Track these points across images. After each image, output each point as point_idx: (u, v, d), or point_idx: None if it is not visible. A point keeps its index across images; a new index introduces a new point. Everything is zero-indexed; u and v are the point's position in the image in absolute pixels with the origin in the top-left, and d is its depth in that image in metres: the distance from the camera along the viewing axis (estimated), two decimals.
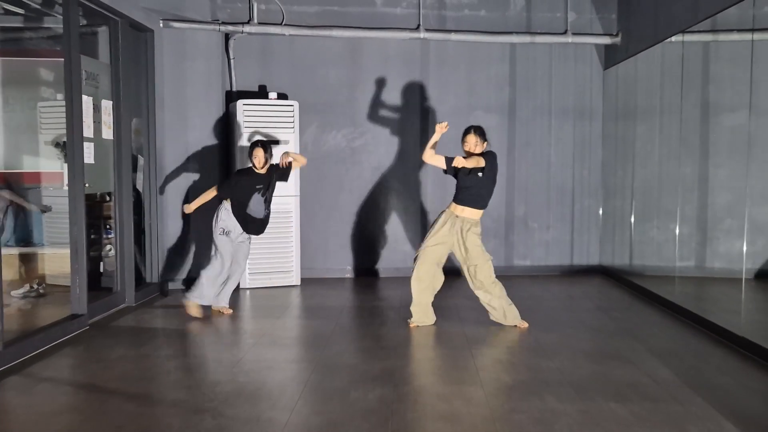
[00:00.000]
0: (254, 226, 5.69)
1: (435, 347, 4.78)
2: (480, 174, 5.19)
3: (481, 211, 5.30)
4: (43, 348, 4.58)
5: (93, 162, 5.49)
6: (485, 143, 5.29)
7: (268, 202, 5.71)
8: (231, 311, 5.78)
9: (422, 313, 5.33)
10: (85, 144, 5.25)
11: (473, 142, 5.25)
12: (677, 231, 6.20)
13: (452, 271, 7.64)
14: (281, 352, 4.66)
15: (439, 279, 5.39)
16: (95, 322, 5.38)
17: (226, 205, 5.63)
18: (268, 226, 5.89)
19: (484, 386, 3.92)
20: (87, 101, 5.35)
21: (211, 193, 5.69)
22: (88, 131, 5.36)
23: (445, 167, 5.26)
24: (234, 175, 5.82)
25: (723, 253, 6.35)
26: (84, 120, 5.21)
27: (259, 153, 5.62)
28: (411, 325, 5.29)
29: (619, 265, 7.50)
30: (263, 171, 5.66)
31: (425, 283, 5.30)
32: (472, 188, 5.22)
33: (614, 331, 5.23)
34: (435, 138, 5.31)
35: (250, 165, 5.70)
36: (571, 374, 4.12)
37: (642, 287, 6.73)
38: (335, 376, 4.07)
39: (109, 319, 5.55)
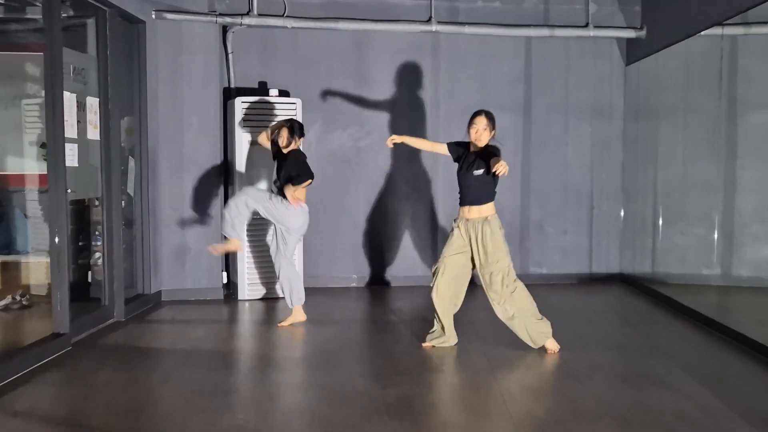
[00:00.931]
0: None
1: (454, 371, 4.33)
2: (478, 172, 4.70)
3: (487, 205, 4.77)
4: (20, 373, 4.12)
5: (77, 165, 5.03)
6: (493, 132, 4.78)
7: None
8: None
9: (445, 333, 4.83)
10: (68, 145, 4.79)
11: (482, 126, 4.73)
12: (707, 237, 5.79)
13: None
14: (283, 377, 4.21)
15: (461, 296, 4.85)
16: (80, 340, 4.92)
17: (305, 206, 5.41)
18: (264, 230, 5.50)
19: (514, 419, 3.47)
20: (70, 98, 4.89)
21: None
22: (71, 131, 4.90)
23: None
24: (297, 157, 5.48)
25: (750, 260, 5.99)
26: (66, 119, 4.75)
27: (283, 132, 5.38)
28: (425, 345, 4.82)
29: (641, 272, 7.07)
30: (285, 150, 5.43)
31: (446, 300, 4.79)
32: (471, 187, 4.76)
33: (645, 349, 4.79)
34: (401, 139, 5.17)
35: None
36: (610, 403, 3.68)
37: (666, 296, 6.32)
38: (345, 407, 3.62)
39: (95, 336, 5.09)
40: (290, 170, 5.31)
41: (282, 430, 3.37)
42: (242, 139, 6.35)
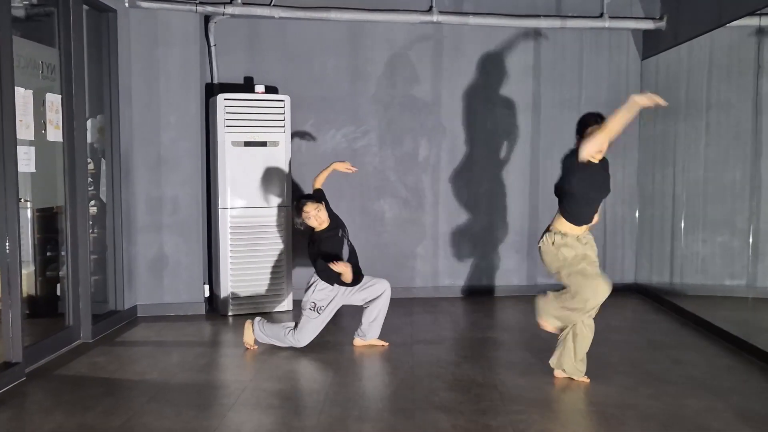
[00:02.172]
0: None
1: (462, 410, 3.74)
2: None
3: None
4: None
5: (34, 170, 4.44)
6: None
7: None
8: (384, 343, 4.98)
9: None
10: (23, 148, 4.19)
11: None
12: (730, 244, 5.28)
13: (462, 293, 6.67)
14: (268, 418, 3.62)
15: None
16: (37, 368, 4.33)
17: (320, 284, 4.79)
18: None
19: None
20: (25, 95, 4.29)
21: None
22: (26, 132, 4.30)
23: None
24: (315, 244, 4.82)
25: None
26: (20, 119, 4.15)
27: (309, 210, 4.74)
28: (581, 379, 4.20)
29: (658, 283, 6.54)
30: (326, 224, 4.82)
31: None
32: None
33: (682, 381, 4.21)
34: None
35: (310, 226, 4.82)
36: None
37: (688, 311, 5.80)
38: None
39: (56, 363, 4.49)
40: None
41: None
42: (225, 140, 5.77)
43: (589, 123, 4.05)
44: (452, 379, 4.23)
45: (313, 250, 4.76)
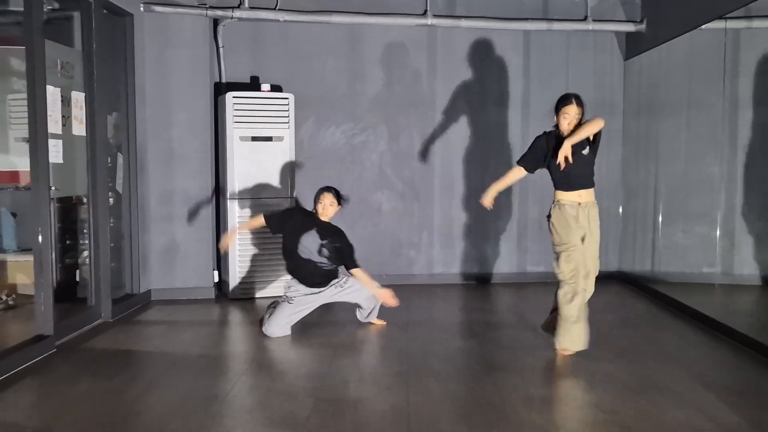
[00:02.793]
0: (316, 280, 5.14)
1: (452, 379, 4.15)
2: (585, 151, 4.52)
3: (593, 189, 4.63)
4: (1, 377, 3.96)
5: (61, 161, 4.86)
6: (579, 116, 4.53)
7: (324, 251, 5.12)
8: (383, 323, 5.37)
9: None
10: (52, 141, 4.60)
11: (574, 114, 4.50)
12: (718, 233, 5.66)
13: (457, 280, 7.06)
14: (276, 383, 4.03)
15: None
16: (65, 342, 4.75)
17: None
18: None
19: (514, 429, 3.32)
20: (54, 92, 4.70)
21: (257, 220, 5.19)
22: (55, 126, 4.72)
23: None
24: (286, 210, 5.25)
25: (751, 258, 5.88)
26: (50, 114, 4.56)
27: (325, 199, 5.14)
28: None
29: (641, 271, 6.94)
30: (325, 219, 5.18)
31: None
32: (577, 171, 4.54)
33: (651, 355, 4.62)
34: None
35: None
36: (617, 414, 3.52)
37: (667, 296, 6.19)
38: (339, 418, 3.46)
39: (81, 338, 4.91)
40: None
41: None
42: (234, 135, 6.18)
43: (564, 103, 4.54)
44: (443, 352, 4.64)
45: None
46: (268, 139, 6.24)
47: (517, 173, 4.78)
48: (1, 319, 5.55)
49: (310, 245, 5.06)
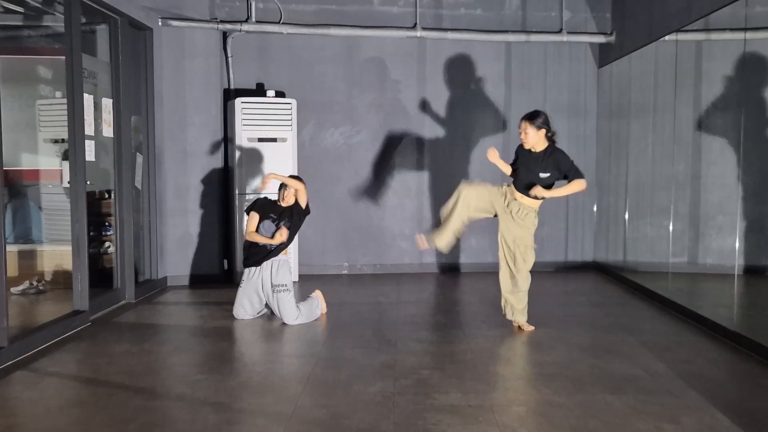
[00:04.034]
0: (256, 257, 5.46)
1: (433, 342, 4.85)
2: (545, 175, 4.99)
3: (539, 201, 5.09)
4: (47, 344, 4.64)
5: (93, 159, 5.54)
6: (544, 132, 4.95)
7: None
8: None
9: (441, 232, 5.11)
10: (87, 142, 5.29)
11: (530, 133, 4.94)
12: (671, 228, 6.28)
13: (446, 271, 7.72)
14: (283, 348, 4.73)
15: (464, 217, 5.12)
16: (97, 318, 5.44)
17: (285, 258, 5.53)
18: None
19: (482, 379, 4.00)
20: (88, 99, 5.39)
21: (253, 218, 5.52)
22: (89, 129, 5.40)
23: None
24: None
25: (715, 249, 6.44)
26: (85, 118, 5.25)
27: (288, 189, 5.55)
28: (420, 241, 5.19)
29: (613, 261, 7.58)
30: (285, 204, 5.58)
31: (465, 210, 5.07)
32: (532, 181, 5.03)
33: (609, 326, 5.32)
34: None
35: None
36: (568, 368, 4.21)
37: (636, 283, 6.81)
38: (337, 371, 4.14)
39: (110, 315, 5.61)
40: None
41: (282, 386, 3.89)
42: (243, 136, 6.86)
43: (523, 119, 5.06)
44: (427, 323, 5.33)
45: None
46: (273, 140, 6.91)
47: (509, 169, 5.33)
48: (35, 302, 6.21)
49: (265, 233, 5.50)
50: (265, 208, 5.54)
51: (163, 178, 6.86)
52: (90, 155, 5.42)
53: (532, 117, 4.97)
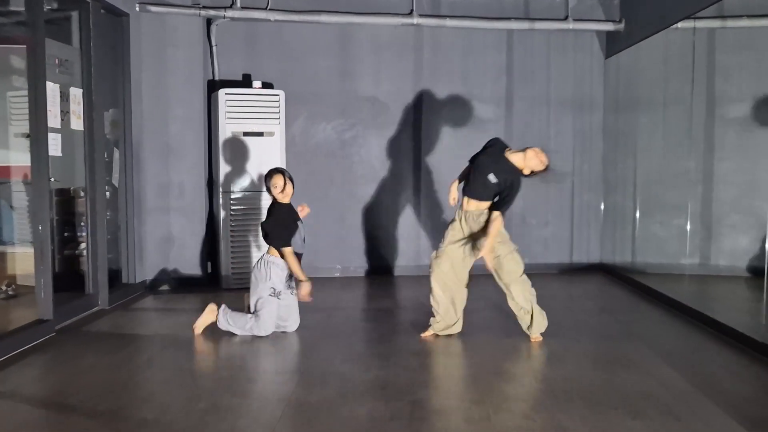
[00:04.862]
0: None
1: (430, 355, 4.42)
2: (493, 180, 4.64)
3: (488, 203, 4.70)
4: (4, 357, 4.19)
5: (60, 154, 5.10)
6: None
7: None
8: None
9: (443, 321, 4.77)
10: (52, 135, 4.85)
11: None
12: (688, 227, 5.91)
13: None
14: (263, 362, 4.29)
15: (462, 285, 4.77)
16: (64, 327, 4.99)
17: (276, 260, 4.79)
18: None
19: (486, 399, 3.57)
20: (53, 89, 4.95)
21: (288, 254, 4.76)
22: (54, 121, 4.96)
23: None
24: (274, 215, 4.86)
25: (728, 249, 6.09)
26: (50, 109, 4.80)
27: (278, 181, 4.81)
28: (424, 335, 4.74)
29: (621, 262, 7.19)
30: (288, 200, 4.89)
31: (447, 288, 4.72)
32: (478, 183, 4.71)
33: (620, 335, 4.90)
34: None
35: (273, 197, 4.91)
36: (580, 384, 3.78)
37: (645, 285, 6.43)
38: (322, 389, 3.71)
39: (79, 323, 5.16)
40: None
41: (259, 410, 3.45)
42: (226, 130, 6.42)
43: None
44: (420, 319, 4.91)
45: (271, 220, 4.82)
46: (260, 134, 6.48)
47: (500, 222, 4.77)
48: (2, 308, 5.77)
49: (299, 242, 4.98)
50: (289, 218, 4.88)
51: (143, 174, 6.42)
52: (55, 150, 4.98)
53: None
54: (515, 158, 4.66)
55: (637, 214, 6.83)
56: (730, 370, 4.11)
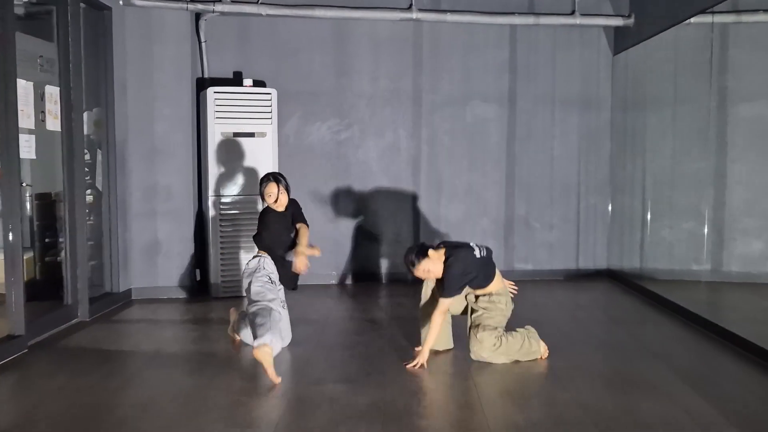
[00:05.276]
0: (287, 276, 4.59)
1: (430, 374, 4.09)
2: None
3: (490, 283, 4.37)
4: None
5: (34, 157, 4.77)
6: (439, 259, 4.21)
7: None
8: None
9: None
10: (24, 136, 4.52)
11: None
12: (696, 231, 5.60)
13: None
14: (251, 383, 3.95)
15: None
16: (39, 342, 4.66)
17: (268, 256, 4.51)
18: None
19: (491, 427, 3.25)
20: (26, 87, 4.61)
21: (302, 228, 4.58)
22: (27, 122, 4.63)
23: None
24: (263, 222, 4.60)
25: (741, 255, 5.82)
26: (22, 108, 4.47)
27: (272, 189, 4.51)
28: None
29: (629, 268, 6.88)
30: (282, 209, 4.61)
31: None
32: None
33: (633, 350, 4.58)
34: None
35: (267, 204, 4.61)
36: (595, 411, 3.45)
37: (655, 293, 6.12)
38: (311, 415, 3.39)
39: (56, 337, 4.83)
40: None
41: None
42: (215, 131, 6.10)
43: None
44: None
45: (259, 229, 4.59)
46: (251, 135, 6.16)
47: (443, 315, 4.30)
48: None
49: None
50: (280, 227, 4.61)
51: (128, 177, 6.09)
52: (29, 152, 4.65)
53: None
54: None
55: (648, 217, 6.52)
56: (757, 394, 3.79)
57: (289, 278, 4.58)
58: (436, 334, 4.21)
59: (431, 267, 4.18)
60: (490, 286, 4.36)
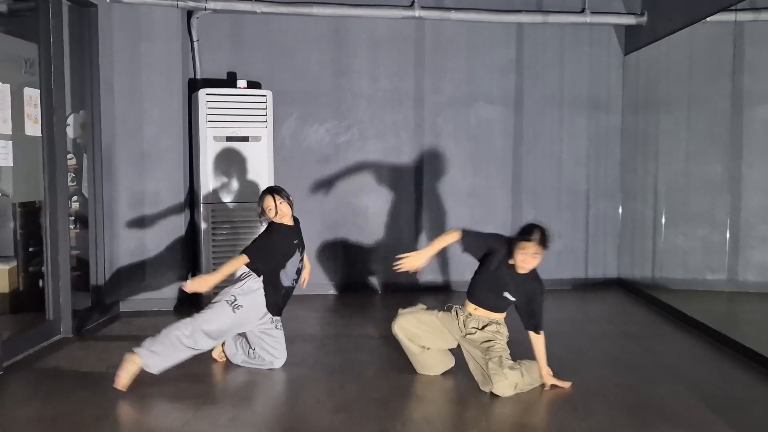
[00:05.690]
0: (278, 300, 4.28)
1: (437, 401, 3.79)
2: (509, 298, 4.02)
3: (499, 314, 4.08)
4: None
5: (11, 164, 4.47)
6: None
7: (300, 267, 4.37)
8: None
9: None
10: (0, 142, 4.22)
11: (532, 253, 3.85)
12: (711, 239, 5.35)
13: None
14: (242, 413, 3.65)
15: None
16: (16, 362, 4.35)
17: (257, 279, 4.24)
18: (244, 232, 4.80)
19: None
20: (2, 89, 4.31)
21: (240, 261, 4.22)
22: (3, 126, 4.33)
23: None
24: (267, 234, 4.30)
25: (757, 263, 5.58)
26: None
27: (269, 203, 4.24)
28: None
29: (641, 277, 6.60)
30: (289, 222, 4.33)
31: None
32: (491, 295, 4.06)
33: (652, 370, 4.29)
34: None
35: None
36: None
37: (668, 304, 5.86)
38: None
39: (35, 357, 4.51)
40: None
41: None
42: (207, 135, 5.80)
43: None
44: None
45: (259, 239, 4.33)
46: (245, 139, 5.87)
47: (453, 237, 4.13)
48: None
49: (291, 270, 4.35)
50: (285, 241, 4.30)
51: (115, 183, 5.78)
52: (5, 159, 4.35)
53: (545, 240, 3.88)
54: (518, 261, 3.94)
55: (662, 223, 6.24)
56: None
57: (278, 305, 4.28)
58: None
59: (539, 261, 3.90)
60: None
